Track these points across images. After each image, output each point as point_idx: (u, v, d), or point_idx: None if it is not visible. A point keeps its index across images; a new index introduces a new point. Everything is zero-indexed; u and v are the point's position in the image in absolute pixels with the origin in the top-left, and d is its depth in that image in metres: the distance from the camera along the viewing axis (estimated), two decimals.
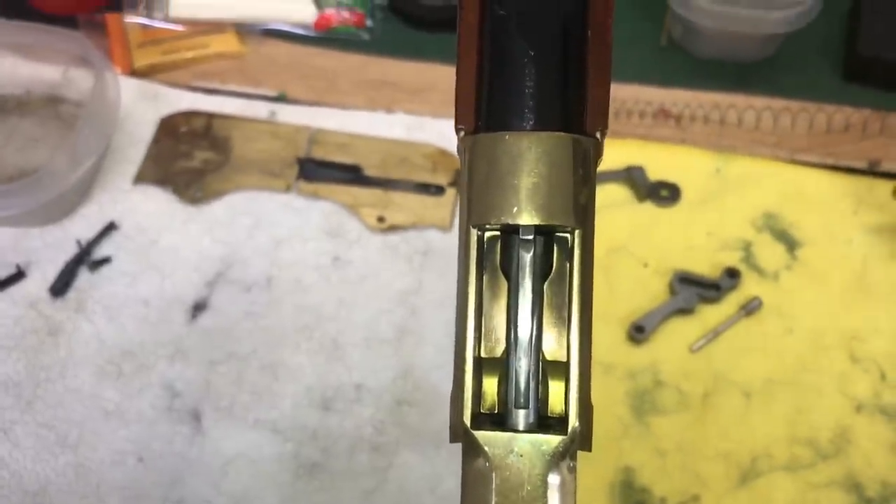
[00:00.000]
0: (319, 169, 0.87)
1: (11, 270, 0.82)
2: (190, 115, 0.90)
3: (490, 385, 0.31)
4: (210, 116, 0.90)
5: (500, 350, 0.31)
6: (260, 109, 0.91)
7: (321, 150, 0.88)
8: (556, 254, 0.31)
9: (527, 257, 0.30)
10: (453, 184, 0.86)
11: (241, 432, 0.74)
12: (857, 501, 0.70)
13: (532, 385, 0.30)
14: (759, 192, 0.86)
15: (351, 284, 0.82)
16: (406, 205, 0.85)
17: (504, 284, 0.31)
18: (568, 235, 0.31)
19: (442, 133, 0.89)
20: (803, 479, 0.71)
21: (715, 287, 0.79)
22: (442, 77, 0.95)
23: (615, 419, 0.74)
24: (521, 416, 0.30)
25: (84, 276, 0.82)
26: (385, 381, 0.77)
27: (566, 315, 0.31)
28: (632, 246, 0.83)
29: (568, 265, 0.30)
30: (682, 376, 0.76)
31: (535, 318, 0.30)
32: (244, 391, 0.76)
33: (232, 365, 0.77)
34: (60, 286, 0.81)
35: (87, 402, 0.76)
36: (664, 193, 0.85)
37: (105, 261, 0.82)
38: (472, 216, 0.30)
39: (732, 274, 0.80)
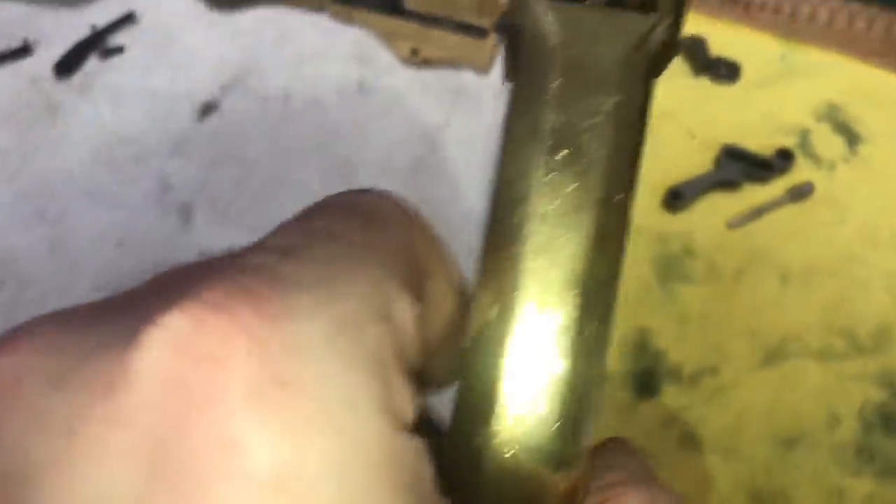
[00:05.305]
0: None
1: (17, 44, 0.76)
2: None
3: None
4: None
5: None
6: None
7: None
8: None
9: None
10: (498, 28, 0.80)
11: (235, 234, 0.69)
12: (890, 398, 0.63)
13: None
14: (825, 84, 0.79)
15: (373, 112, 0.76)
16: (444, 42, 0.79)
17: None
18: None
19: None
20: (834, 370, 0.65)
21: (764, 166, 0.73)
22: None
23: (636, 280, 0.67)
24: None
25: (93, 63, 0.77)
26: None
27: None
28: (680, 116, 0.76)
29: None
30: (715, 249, 0.69)
31: None
32: (244, 195, 0.71)
33: (234, 168, 0.72)
34: (66, 66, 0.75)
35: (74, 182, 0.71)
36: (723, 70, 0.79)
37: (118, 50, 0.77)
38: None
39: (785, 155, 0.73)
